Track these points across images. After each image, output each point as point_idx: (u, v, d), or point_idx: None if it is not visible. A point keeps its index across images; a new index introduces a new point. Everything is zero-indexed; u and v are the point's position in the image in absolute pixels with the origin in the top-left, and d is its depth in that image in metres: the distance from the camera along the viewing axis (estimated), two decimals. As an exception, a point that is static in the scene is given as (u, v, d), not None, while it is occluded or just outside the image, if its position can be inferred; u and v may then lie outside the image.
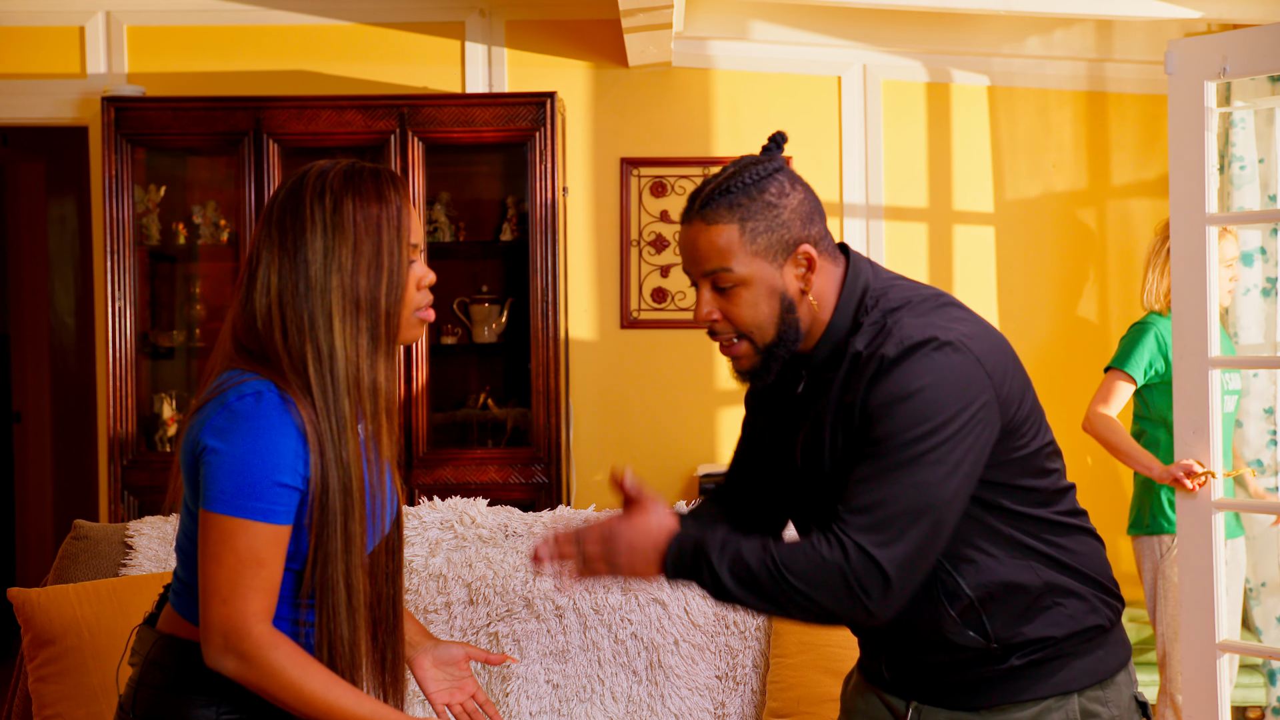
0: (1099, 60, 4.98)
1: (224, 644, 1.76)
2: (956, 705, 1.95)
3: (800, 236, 1.89)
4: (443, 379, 4.94)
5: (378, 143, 4.64)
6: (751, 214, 1.87)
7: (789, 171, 1.92)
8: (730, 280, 1.88)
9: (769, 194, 1.87)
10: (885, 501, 1.77)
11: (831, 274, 1.93)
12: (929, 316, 1.87)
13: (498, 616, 2.90)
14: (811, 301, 1.91)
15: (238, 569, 1.76)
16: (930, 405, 1.78)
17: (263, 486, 1.76)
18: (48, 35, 5.06)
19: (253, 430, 1.76)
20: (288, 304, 1.82)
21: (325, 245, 1.82)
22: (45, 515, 6.59)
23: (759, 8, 4.94)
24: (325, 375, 1.81)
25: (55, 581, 2.97)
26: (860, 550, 1.77)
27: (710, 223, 1.88)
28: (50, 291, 6.66)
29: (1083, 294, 5.02)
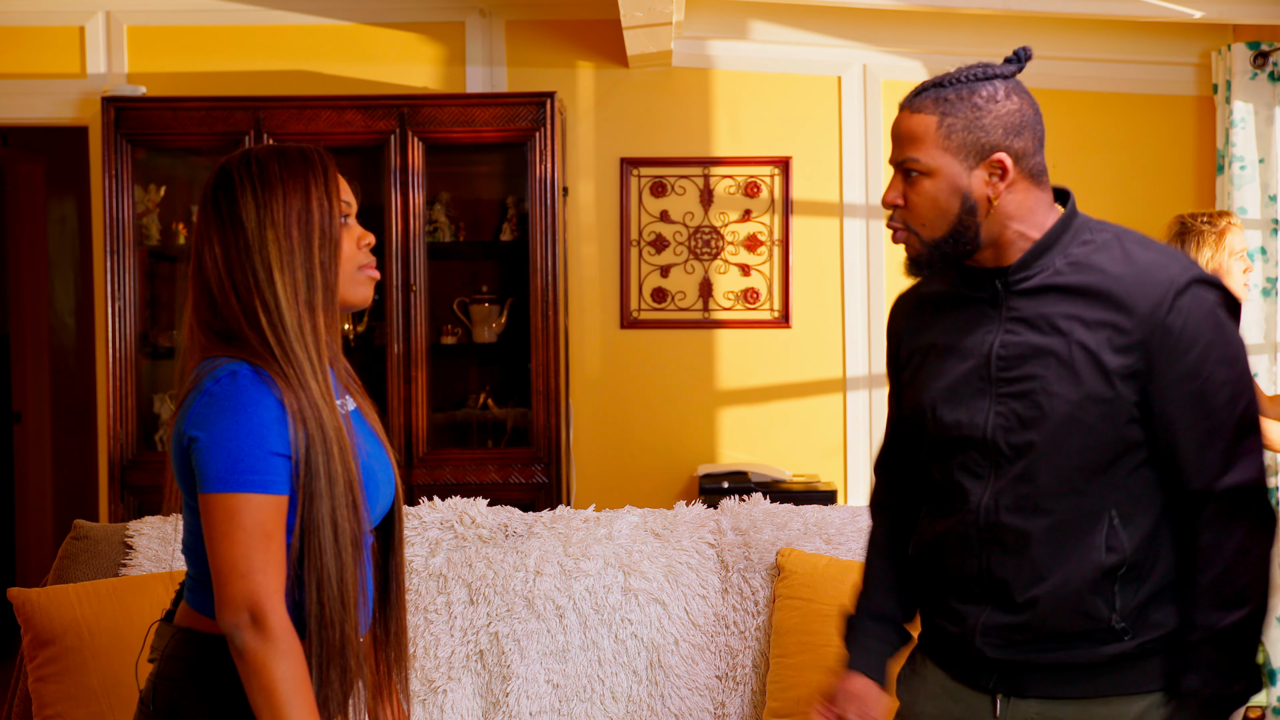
0: (1099, 60, 4.98)
1: (249, 618, 1.76)
2: (1052, 693, 1.90)
3: (999, 144, 1.87)
4: (443, 379, 4.93)
5: (378, 143, 4.64)
6: (953, 110, 1.88)
7: (1014, 82, 1.91)
8: (919, 169, 1.89)
9: (978, 95, 1.88)
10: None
11: (1038, 197, 1.92)
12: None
13: (498, 616, 2.90)
14: (1002, 213, 1.89)
15: (249, 544, 1.77)
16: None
17: (255, 458, 1.79)
18: (48, 35, 5.06)
19: (234, 407, 1.80)
20: (234, 265, 1.88)
21: (257, 203, 1.89)
22: (45, 515, 6.59)
23: (759, 7, 4.94)
24: (277, 326, 1.86)
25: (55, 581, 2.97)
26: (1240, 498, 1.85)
27: (914, 111, 1.90)
28: (50, 291, 6.65)
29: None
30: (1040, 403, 1.86)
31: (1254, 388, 1.89)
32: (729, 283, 5.05)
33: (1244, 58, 4.63)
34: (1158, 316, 1.82)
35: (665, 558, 2.97)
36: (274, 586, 1.78)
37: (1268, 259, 4.64)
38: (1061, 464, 1.86)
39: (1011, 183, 1.89)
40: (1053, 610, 1.88)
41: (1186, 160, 4.97)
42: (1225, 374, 1.83)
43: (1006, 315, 1.91)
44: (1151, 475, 1.88)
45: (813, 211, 5.03)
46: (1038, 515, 1.88)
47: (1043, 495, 1.88)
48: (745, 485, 4.54)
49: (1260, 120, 4.65)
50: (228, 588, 1.77)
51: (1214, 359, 1.83)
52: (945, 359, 1.98)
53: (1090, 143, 5.01)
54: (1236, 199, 4.65)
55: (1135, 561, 1.86)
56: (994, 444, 1.90)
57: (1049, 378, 1.86)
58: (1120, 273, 1.85)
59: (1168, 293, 1.82)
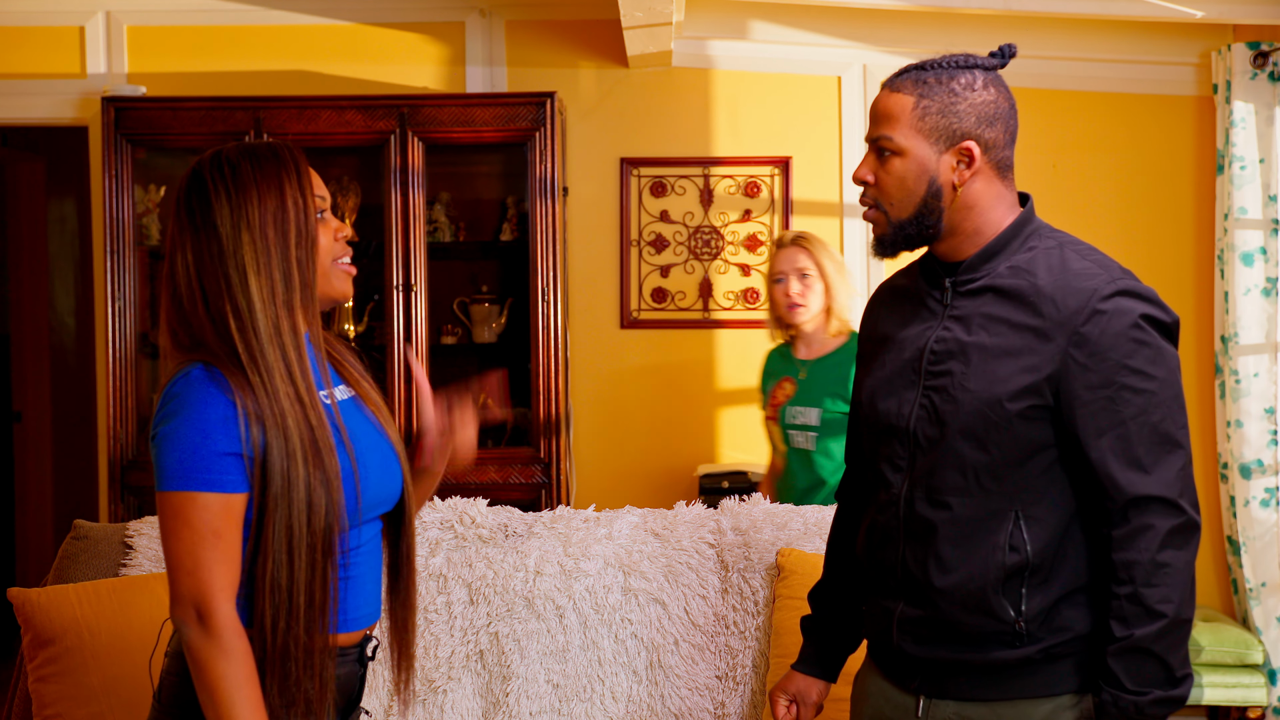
0: (1099, 60, 4.98)
1: (195, 615, 1.77)
2: (970, 695, 1.92)
3: (970, 131, 1.91)
4: (443, 379, 4.93)
5: (378, 143, 4.64)
6: (930, 93, 1.91)
7: (995, 75, 1.94)
8: (890, 147, 1.93)
9: (957, 82, 1.91)
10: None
11: (1000, 192, 1.94)
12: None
13: (498, 616, 2.90)
14: (964, 201, 1.92)
15: (195, 541, 1.78)
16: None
17: (201, 456, 1.79)
18: (48, 35, 5.06)
19: (182, 407, 1.81)
20: (205, 272, 1.87)
21: (231, 206, 1.88)
22: (45, 515, 6.59)
23: (759, 7, 4.94)
24: (247, 330, 1.85)
25: (55, 581, 2.97)
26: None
27: (893, 91, 1.94)
28: (50, 291, 6.65)
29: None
30: (955, 397, 1.90)
31: (1180, 408, 1.89)
32: (729, 283, 5.05)
33: (1244, 58, 4.63)
34: (1075, 323, 1.85)
35: (665, 558, 2.97)
36: (220, 584, 1.78)
37: (1268, 259, 4.64)
38: (968, 459, 1.89)
39: (977, 171, 1.92)
40: (957, 606, 1.90)
41: (1186, 160, 4.97)
42: (1140, 384, 1.85)
43: (948, 313, 1.95)
44: (1062, 478, 1.89)
45: (813, 211, 5.03)
46: (943, 509, 1.91)
47: (949, 489, 1.91)
48: (745, 485, 4.54)
49: (1260, 120, 4.65)
50: (175, 585, 1.78)
51: (1129, 369, 1.84)
52: (889, 351, 2.03)
53: (1090, 143, 5.01)
54: (1236, 199, 4.65)
55: (1039, 564, 1.88)
56: (914, 435, 1.94)
57: (967, 374, 1.89)
58: (1050, 279, 1.88)
59: (1089, 301, 1.85)
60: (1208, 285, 4.92)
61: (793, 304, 3.68)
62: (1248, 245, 4.64)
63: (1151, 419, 1.85)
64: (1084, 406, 1.85)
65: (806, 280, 3.68)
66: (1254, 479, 4.64)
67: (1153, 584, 1.82)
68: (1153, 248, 4.99)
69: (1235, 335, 4.65)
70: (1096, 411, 1.84)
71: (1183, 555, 1.84)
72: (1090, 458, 1.86)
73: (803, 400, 3.67)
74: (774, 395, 3.77)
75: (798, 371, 3.73)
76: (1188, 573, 1.85)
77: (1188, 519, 1.85)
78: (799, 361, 3.74)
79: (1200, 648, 4.45)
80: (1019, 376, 1.86)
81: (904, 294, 2.06)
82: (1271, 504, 4.63)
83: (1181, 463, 1.86)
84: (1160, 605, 1.82)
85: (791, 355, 3.78)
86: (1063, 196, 5.02)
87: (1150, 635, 1.82)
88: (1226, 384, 4.69)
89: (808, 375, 3.70)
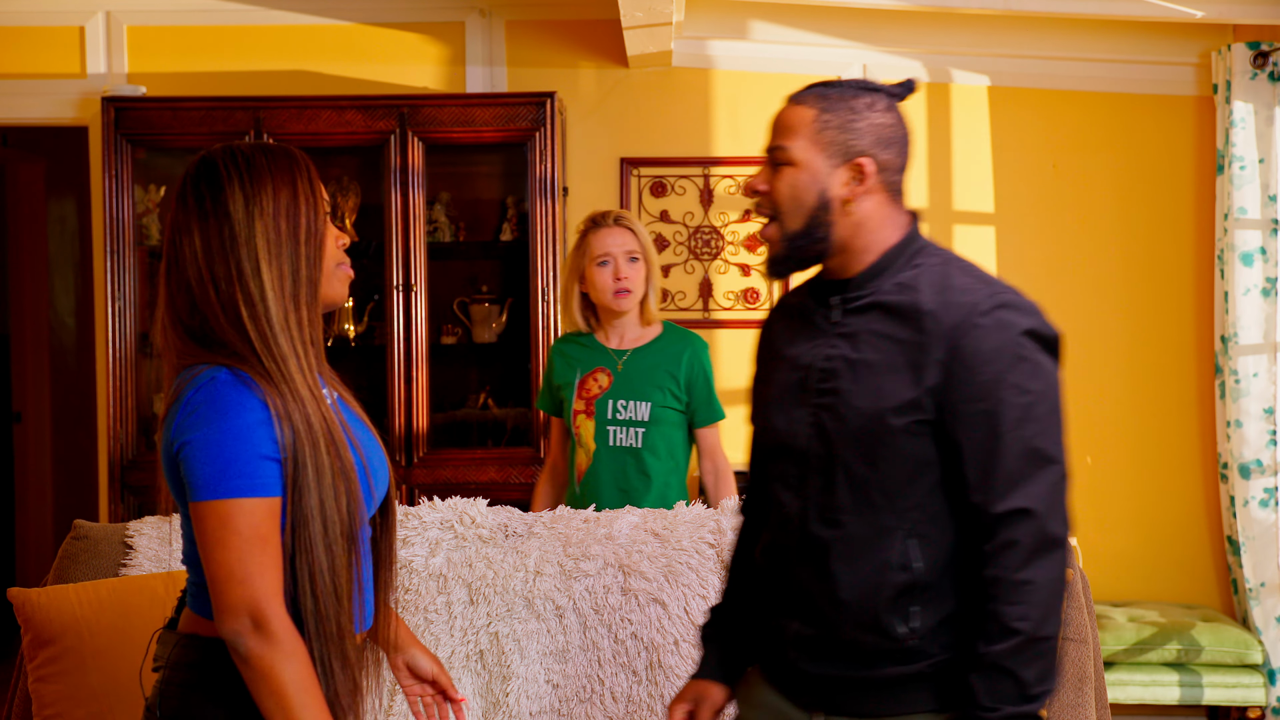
0: (1100, 60, 4.98)
1: (251, 624, 1.75)
2: (862, 711, 1.92)
3: (866, 150, 1.93)
4: (443, 379, 4.93)
5: (378, 143, 4.64)
6: (832, 108, 1.94)
7: (896, 104, 1.97)
8: (784, 158, 1.95)
9: (859, 100, 1.94)
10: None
11: (891, 214, 1.96)
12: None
13: (498, 616, 2.90)
14: (854, 219, 1.94)
15: (244, 549, 1.76)
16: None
17: (243, 462, 1.77)
18: (48, 35, 5.06)
19: (216, 413, 1.78)
20: (215, 258, 1.85)
21: (245, 194, 1.87)
22: (45, 515, 6.59)
23: (759, 7, 4.94)
24: (260, 320, 1.84)
25: (55, 581, 2.97)
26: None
27: (796, 103, 1.97)
28: (50, 291, 6.65)
29: (1083, 294, 5.02)
30: (842, 414, 1.90)
31: (1057, 423, 1.88)
32: (729, 283, 5.05)
33: (1244, 58, 4.64)
34: (955, 337, 1.85)
35: (665, 558, 2.96)
36: (273, 589, 1.77)
37: (1268, 259, 4.65)
38: (857, 477, 1.89)
39: (869, 190, 1.94)
40: (850, 624, 1.90)
41: (1186, 160, 4.97)
42: (1017, 399, 1.84)
43: (836, 331, 1.96)
44: (951, 495, 1.90)
45: (813, 211, 5.03)
46: (835, 527, 1.91)
47: (840, 508, 1.91)
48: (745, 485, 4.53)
49: (1260, 120, 4.65)
50: (226, 595, 1.75)
51: (1008, 383, 1.84)
52: (781, 369, 2.03)
53: (1090, 143, 5.01)
54: (1236, 199, 4.65)
55: (930, 581, 1.88)
56: (804, 454, 1.95)
57: (854, 391, 1.90)
58: (932, 295, 1.89)
59: (969, 315, 1.86)
60: (1207, 285, 4.92)
61: (621, 289, 3.40)
62: (1247, 245, 4.64)
63: (1025, 433, 1.84)
64: (961, 420, 1.85)
65: (635, 264, 3.43)
66: (1253, 479, 4.64)
67: (1012, 601, 1.82)
68: (1153, 248, 4.99)
69: (1235, 335, 4.65)
70: (973, 425, 1.85)
71: (1046, 572, 1.83)
72: (965, 471, 1.86)
73: (626, 394, 3.42)
74: (585, 388, 3.47)
75: (614, 363, 3.46)
76: (1051, 589, 1.83)
77: (1052, 535, 1.84)
78: (613, 351, 3.48)
79: (1200, 648, 4.45)
80: (902, 391, 1.87)
81: (795, 312, 2.07)
82: (1271, 504, 4.64)
83: (1053, 478, 1.85)
84: (1017, 623, 1.81)
85: (600, 345, 3.50)
86: (1063, 196, 5.02)
87: (1004, 651, 1.82)
88: (1226, 384, 4.69)
89: (627, 367, 3.45)
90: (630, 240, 3.43)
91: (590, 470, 3.45)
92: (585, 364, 3.48)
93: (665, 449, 3.43)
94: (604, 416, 3.42)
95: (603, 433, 3.42)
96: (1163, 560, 4.95)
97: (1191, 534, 4.95)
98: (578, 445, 3.48)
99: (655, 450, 3.42)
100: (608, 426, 3.42)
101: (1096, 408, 4.98)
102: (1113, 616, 4.59)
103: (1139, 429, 4.97)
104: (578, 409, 3.46)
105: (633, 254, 3.43)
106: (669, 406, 3.42)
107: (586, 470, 3.45)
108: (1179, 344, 4.96)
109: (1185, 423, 4.95)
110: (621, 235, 3.43)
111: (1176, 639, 4.47)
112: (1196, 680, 4.47)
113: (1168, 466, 4.96)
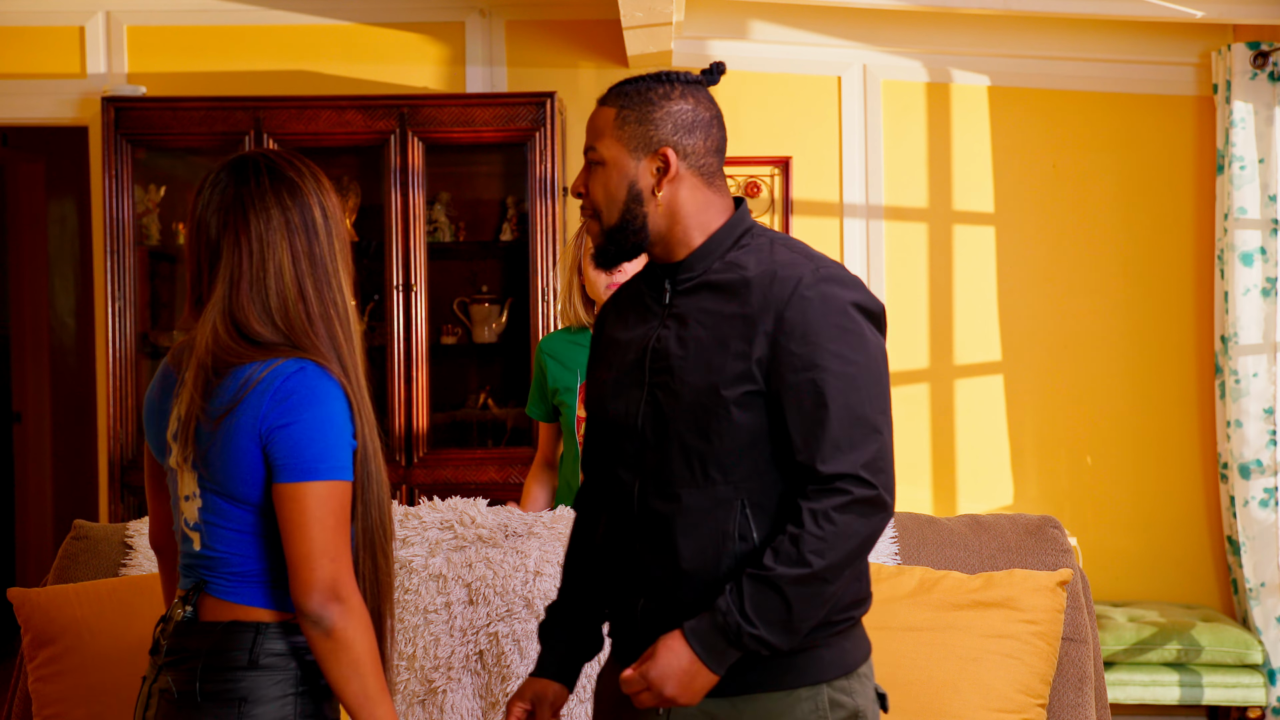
0: (1099, 60, 4.98)
1: (334, 596, 1.85)
2: (711, 690, 1.92)
3: (666, 139, 1.98)
4: (443, 379, 4.93)
5: (378, 143, 4.64)
6: (630, 104, 1.99)
7: (696, 88, 2.01)
8: (595, 158, 2.01)
9: (654, 93, 1.99)
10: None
11: (709, 198, 2.01)
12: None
13: (498, 616, 2.90)
14: (667, 206, 1.99)
15: (338, 528, 1.87)
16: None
17: (339, 448, 1.88)
18: (48, 35, 5.06)
19: (312, 400, 1.88)
20: (305, 276, 1.94)
21: (322, 209, 1.97)
22: (45, 515, 6.59)
23: (759, 7, 4.94)
24: (346, 334, 1.96)
25: (55, 581, 2.97)
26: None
27: (601, 105, 2.03)
28: (50, 291, 6.65)
29: (1083, 294, 5.02)
30: (676, 391, 1.95)
31: (879, 389, 1.90)
32: (729, 283, 5.05)
33: (1244, 58, 4.64)
34: (779, 308, 1.90)
35: (665, 558, 2.97)
36: (350, 565, 1.89)
37: (1268, 259, 4.65)
38: (693, 450, 1.93)
39: (677, 178, 1.99)
40: (695, 599, 1.92)
41: (1186, 160, 4.97)
42: (840, 368, 1.87)
43: (668, 313, 2.01)
44: (784, 466, 1.93)
45: (813, 211, 5.03)
46: (673, 501, 1.95)
47: (677, 481, 1.94)
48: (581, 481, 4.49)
49: (1260, 120, 4.65)
50: (316, 570, 1.85)
51: (832, 352, 1.88)
52: (616, 354, 2.08)
53: (1090, 143, 5.01)
54: (1236, 199, 4.66)
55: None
56: (641, 432, 1.99)
57: (686, 368, 1.94)
58: (758, 270, 1.94)
59: (793, 288, 1.90)
60: (1207, 285, 4.92)
61: (616, 285, 3.20)
62: (1247, 245, 4.64)
63: (850, 401, 1.87)
64: (789, 389, 1.89)
65: (632, 262, 3.38)
66: (1253, 479, 4.64)
67: (815, 534, 1.84)
68: (1153, 248, 4.99)
69: (1235, 335, 4.65)
70: (800, 393, 1.88)
71: (857, 524, 1.85)
72: (793, 439, 1.89)
73: None
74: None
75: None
76: (854, 544, 1.86)
77: (878, 495, 1.86)
78: None
79: (1200, 648, 4.45)
80: (732, 364, 1.91)
81: (630, 298, 2.12)
82: (1271, 504, 4.64)
83: (878, 446, 1.88)
84: (811, 554, 1.83)
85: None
86: (1063, 196, 5.02)
87: (788, 577, 1.83)
88: (1226, 384, 4.69)
89: None
90: None
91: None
92: (585, 367, 3.38)
93: None
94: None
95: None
96: (1163, 560, 4.95)
97: (1191, 534, 4.95)
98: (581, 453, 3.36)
99: None
100: None
101: (1096, 408, 4.98)
102: (1113, 616, 4.59)
103: (1139, 429, 4.97)
104: (582, 416, 3.28)
105: None
106: None
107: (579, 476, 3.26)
108: (1179, 344, 4.96)
109: (1185, 423, 4.95)
110: None
111: (1176, 639, 4.47)
112: (1196, 680, 4.47)
113: (1168, 466, 4.96)
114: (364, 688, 1.87)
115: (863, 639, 2.01)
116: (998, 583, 2.70)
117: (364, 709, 1.88)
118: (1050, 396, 5.01)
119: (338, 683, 1.87)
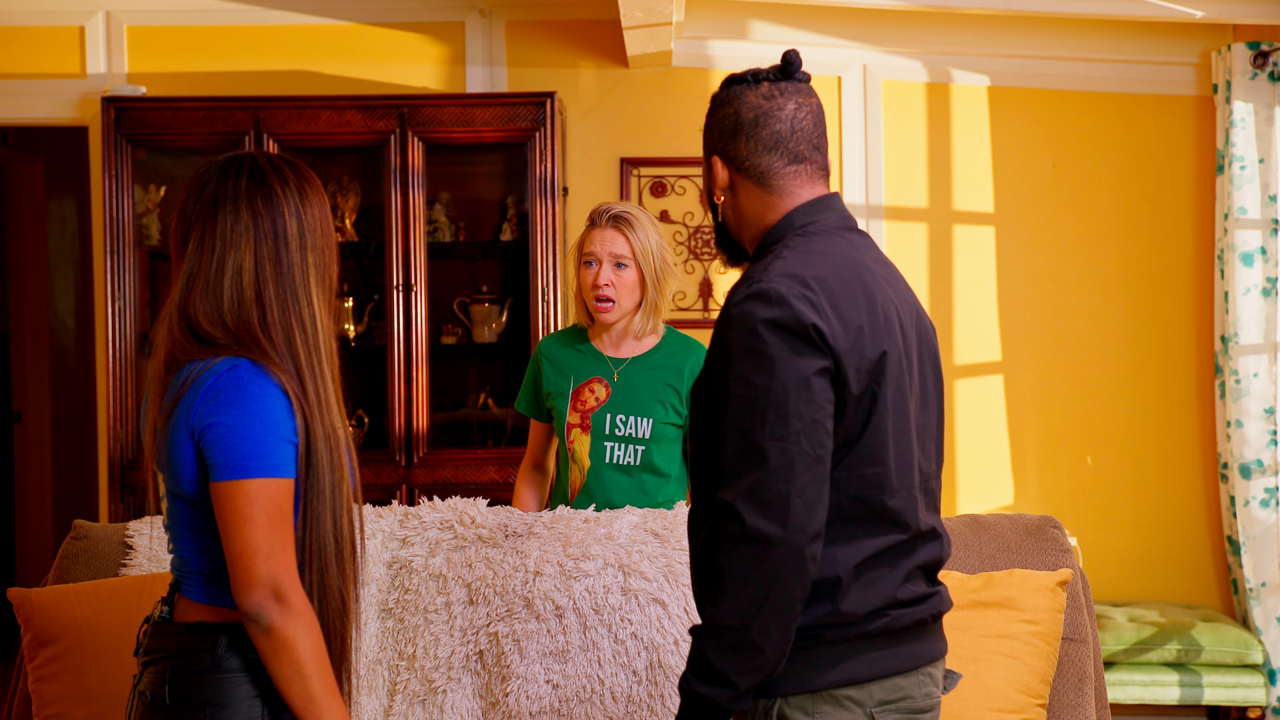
0: (1099, 60, 4.98)
1: (272, 595, 1.82)
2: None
3: (714, 147, 2.00)
4: (443, 379, 4.93)
5: (378, 143, 4.64)
6: (708, 113, 2.03)
7: (739, 89, 1.99)
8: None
9: (715, 97, 2.02)
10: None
11: (767, 202, 1.99)
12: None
13: (498, 616, 2.90)
14: (732, 211, 2.02)
15: (270, 526, 1.83)
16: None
17: (270, 444, 1.84)
18: (48, 35, 5.06)
19: (244, 397, 1.85)
20: (267, 283, 1.91)
21: (300, 221, 1.93)
22: (45, 515, 6.59)
23: (759, 8, 4.94)
24: (310, 347, 1.92)
25: (55, 581, 2.97)
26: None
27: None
28: (50, 291, 6.66)
29: (1083, 294, 5.02)
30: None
31: (775, 415, 1.78)
32: (729, 283, 5.05)
33: (1244, 58, 4.64)
34: (716, 330, 1.91)
35: (665, 558, 2.96)
36: (292, 564, 1.85)
37: (1268, 259, 4.65)
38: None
39: (734, 184, 2.00)
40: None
41: (1186, 160, 4.97)
42: (741, 391, 1.81)
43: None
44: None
45: (813, 211, 5.02)
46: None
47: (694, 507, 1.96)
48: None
49: (1260, 120, 4.65)
50: (251, 569, 1.82)
51: (734, 374, 1.83)
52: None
53: (1090, 143, 5.01)
54: (1236, 199, 4.66)
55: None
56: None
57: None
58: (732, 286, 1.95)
59: (727, 307, 1.89)
60: (1208, 285, 4.92)
61: (601, 296, 3.09)
62: (1247, 245, 4.64)
63: (744, 425, 1.79)
64: (702, 407, 1.91)
65: (623, 271, 3.08)
66: (1254, 479, 4.64)
67: (705, 584, 1.82)
68: (1153, 248, 4.99)
69: (1235, 335, 4.65)
70: (710, 412, 1.88)
71: (739, 564, 1.77)
72: (696, 459, 1.93)
73: (626, 408, 3.12)
74: (581, 399, 3.16)
75: (610, 372, 3.16)
76: (748, 584, 1.76)
77: (753, 531, 1.76)
78: (610, 359, 3.17)
79: (1200, 648, 4.45)
80: (706, 384, 1.94)
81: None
82: (1271, 504, 4.64)
83: (759, 474, 1.77)
84: (706, 604, 1.82)
85: (596, 351, 3.19)
86: (1063, 196, 5.02)
87: (699, 629, 1.83)
88: (1226, 384, 4.69)
89: (624, 377, 3.15)
90: (620, 244, 3.07)
91: (585, 489, 3.18)
92: (580, 372, 3.19)
93: (665, 466, 3.18)
94: (601, 432, 3.13)
95: (599, 449, 3.14)
96: (1163, 560, 4.95)
97: (1191, 534, 4.95)
98: (571, 461, 3.20)
99: (655, 468, 3.16)
100: (605, 443, 3.13)
101: (1096, 408, 4.98)
102: (1113, 616, 4.59)
103: (1139, 429, 4.97)
104: (572, 422, 3.16)
105: (621, 259, 3.08)
106: (670, 423, 3.14)
107: (581, 488, 3.20)
108: (1179, 344, 4.96)
109: (1185, 423, 4.95)
110: (611, 238, 3.08)
111: (1176, 639, 4.47)
112: (1196, 680, 4.47)
113: (1168, 466, 4.96)
114: (306, 689, 1.83)
115: (844, 660, 1.87)
116: (998, 583, 2.70)
117: (308, 711, 1.84)
118: (1050, 396, 5.01)
119: (280, 683, 1.84)
